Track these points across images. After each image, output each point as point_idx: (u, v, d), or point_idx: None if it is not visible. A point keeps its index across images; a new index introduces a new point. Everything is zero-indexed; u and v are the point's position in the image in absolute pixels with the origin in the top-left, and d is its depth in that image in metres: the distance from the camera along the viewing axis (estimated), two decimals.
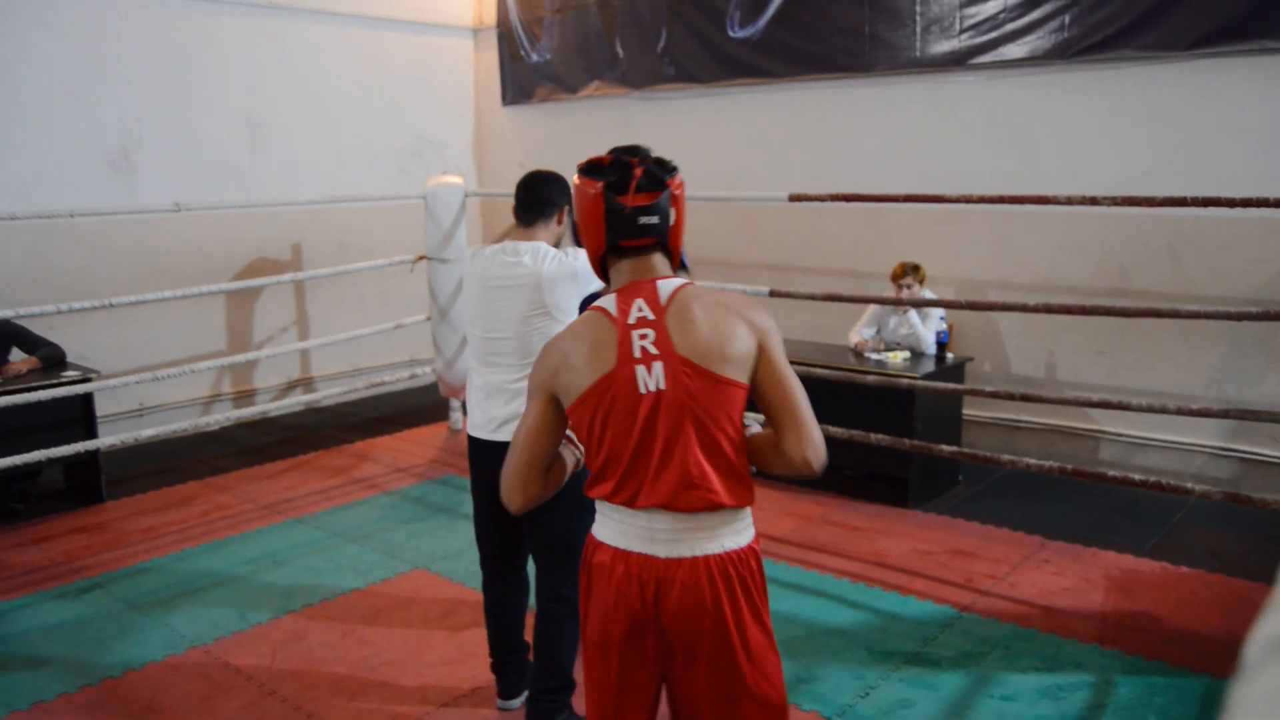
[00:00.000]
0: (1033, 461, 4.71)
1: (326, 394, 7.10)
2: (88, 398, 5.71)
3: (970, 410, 6.17)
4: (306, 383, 7.89)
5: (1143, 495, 5.55)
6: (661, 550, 2.09)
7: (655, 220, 2.14)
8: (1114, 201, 4.22)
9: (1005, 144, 6.03)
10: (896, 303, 5.54)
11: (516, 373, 3.21)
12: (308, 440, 7.05)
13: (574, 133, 8.36)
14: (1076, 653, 3.90)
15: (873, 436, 4.99)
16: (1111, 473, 4.66)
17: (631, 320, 2.11)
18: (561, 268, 3.17)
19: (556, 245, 3.29)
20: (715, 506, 2.09)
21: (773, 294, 5.37)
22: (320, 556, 4.96)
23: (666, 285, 2.15)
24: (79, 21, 6.52)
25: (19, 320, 5.81)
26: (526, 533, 3.33)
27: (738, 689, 2.12)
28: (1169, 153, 5.44)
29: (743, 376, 2.12)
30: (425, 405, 7.77)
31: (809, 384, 2.29)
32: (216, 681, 3.80)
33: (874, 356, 5.74)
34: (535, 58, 8.45)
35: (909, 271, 5.78)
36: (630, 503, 2.10)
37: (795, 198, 5.15)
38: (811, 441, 2.14)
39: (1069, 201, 4.33)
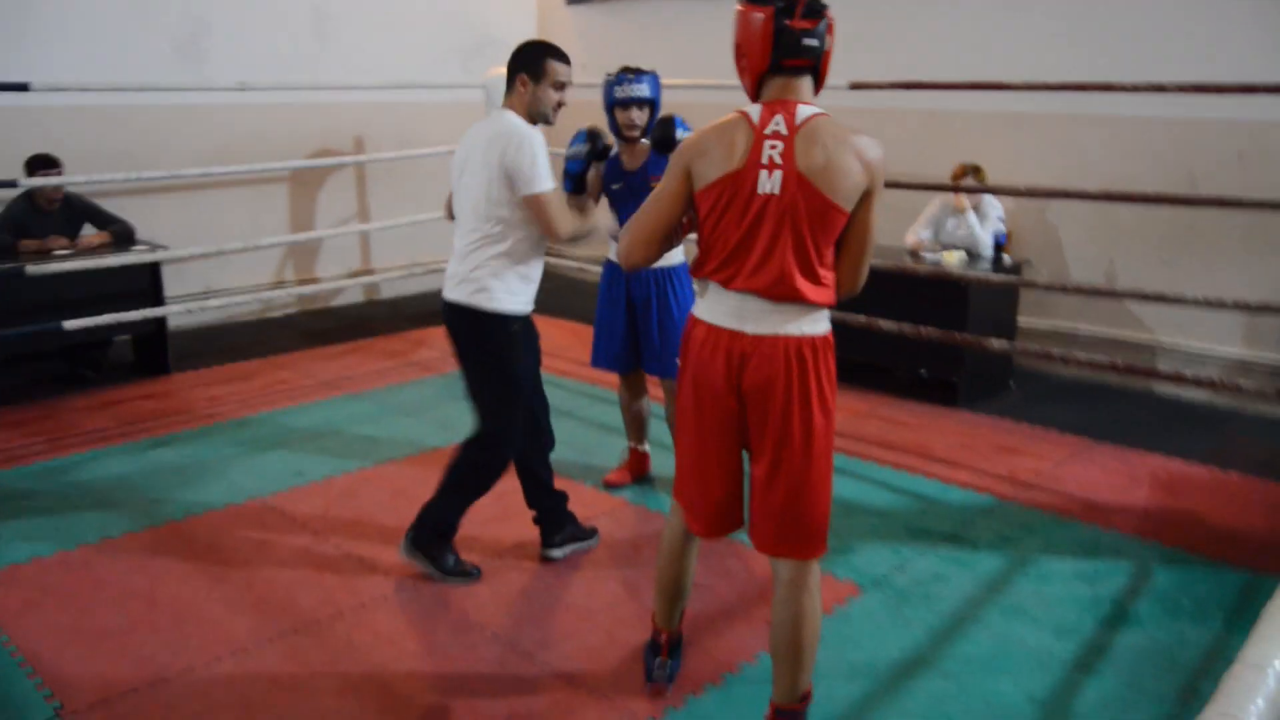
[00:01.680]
0: (1084, 356, 4.69)
1: (385, 278, 7.20)
2: (156, 272, 5.87)
3: (1025, 317, 6.11)
4: (367, 273, 8.03)
5: (1197, 405, 5.49)
6: (749, 327, 2.42)
7: (815, 43, 2.38)
8: (1180, 88, 4.13)
9: (1075, 46, 5.87)
10: (955, 189, 5.45)
11: (465, 237, 3.38)
12: (367, 326, 7.20)
13: (637, 29, 8.30)
14: (1115, 542, 3.91)
15: (923, 329, 4.98)
16: (1163, 368, 4.61)
17: (768, 131, 2.37)
18: (510, 145, 3.22)
19: (530, 111, 3.35)
20: (798, 298, 2.38)
21: None
22: (374, 426, 5.10)
23: (805, 110, 2.39)
24: None
25: (91, 196, 6.00)
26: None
27: (794, 461, 2.44)
28: (1250, 56, 5.26)
29: (846, 205, 2.37)
30: None
31: None
32: (272, 528, 3.96)
33: (929, 256, 5.69)
34: None
35: (970, 172, 5.71)
36: (727, 283, 2.43)
37: (856, 85, 5.10)
38: (861, 276, 2.53)
39: (1135, 88, 4.25)
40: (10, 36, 6.12)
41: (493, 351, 3.40)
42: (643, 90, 3.94)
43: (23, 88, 4.98)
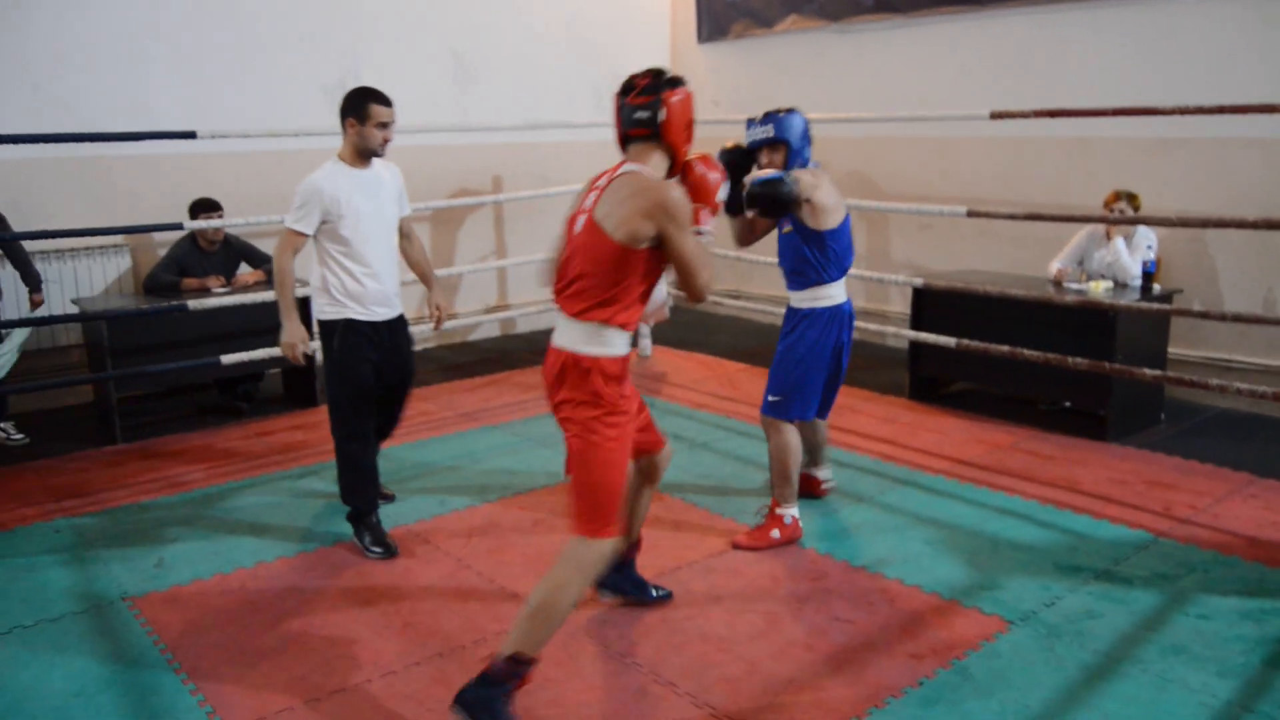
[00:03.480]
0: (1244, 386, 4.47)
1: (521, 313, 7.34)
2: (306, 306, 6.11)
3: (1177, 348, 5.87)
4: (503, 308, 8.20)
5: None
6: (555, 340, 3.00)
7: (646, 115, 2.89)
8: None
9: (1225, 69, 5.66)
10: (1104, 220, 5.28)
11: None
12: (504, 360, 7.36)
13: (769, 68, 8.33)
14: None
15: (1070, 360, 4.83)
16: None
17: (598, 184, 2.95)
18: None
19: (358, 149, 4.04)
20: (580, 316, 2.89)
21: (970, 213, 5.25)
22: (513, 457, 5.19)
23: (627, 167, 2.92)
24: None
25: (248, 237, 6.31)
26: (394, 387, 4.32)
27: (570, 452, 2.94)
28: None
29: (631, 242, 2.80)
30: None
31: (1003, 307, 2.45)
32: (418, 555, 4.06)
33: (1074, 286, 5.53)
34: None
35: (1123, 198, 5.52)
36: (557, 302, 2.99)
37: (997, 115, 5.02)
38: (694, 289, 2.94)
39: None
40: (180, 87, 6.51)
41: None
42: (766, 133, 3.99)
43: (190, 135, 5.27)
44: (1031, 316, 5.40)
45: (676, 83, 2.94)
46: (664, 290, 3.34)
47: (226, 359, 5.45)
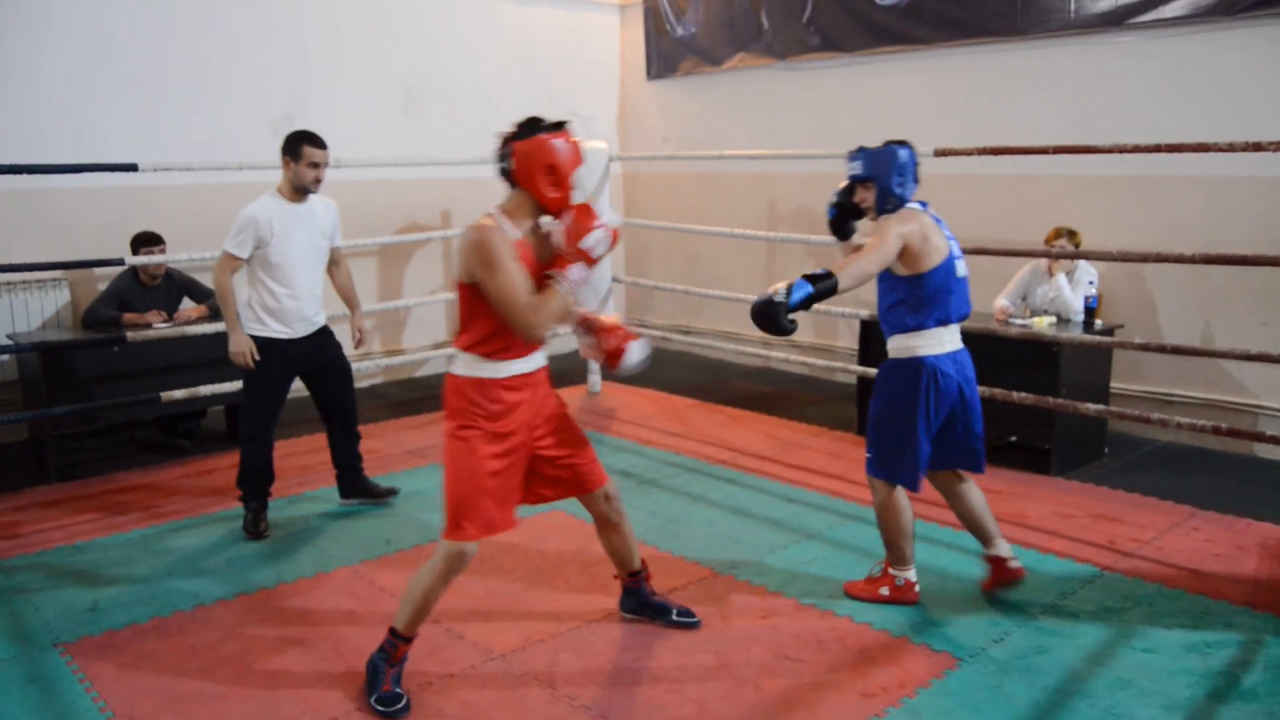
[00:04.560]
0: (1184, 420, 4.54)
1: None
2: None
3: (1119, 383, 5.96)
4: (451, 345, 8.14)
5: None
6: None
7: (503, 164, 3.17)
8: (1278, 146, 4.03)
9: (1164, 108, 5.80)
10: (1046, 255, 5.36)
11: None
12: None
13: (718, 105, 8.40)
14: (1226, 613, 3.75)
15: (1015, 395, 4.88)
16: (1267, 431, 4.45)
17: None
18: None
19: (294, 185, 4.63)
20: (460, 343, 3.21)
21: None
22: None
23: (484, 211, 3.18)
24: None
25: (192, 271, 6.21)
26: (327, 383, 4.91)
27: None
28: None
29: (466, 279, 3.09)
30: (564, 369, 7.92)
31: None
32: (362, 597, 3.99)
33: (1018, 321, 5.60)
34: (680, 31, 8.53)
35: (1064, 234, 5.62)
36: None
37: (941, 152, 5.09)
38: (516, 328, 3.08)
39: (1230, 149, 4.16)
40: (123, 119, 6.42)
41: None
42: (855, 169, 3.81)
43: (132, 168, 5.19)
44: (977, 351, 5.40)
45: (534, 130, 3.13)
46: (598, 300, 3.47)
47: (167, 395, 5.35)
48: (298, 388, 4.85)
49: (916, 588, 3.87)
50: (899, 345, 3.75)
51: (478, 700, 3.22)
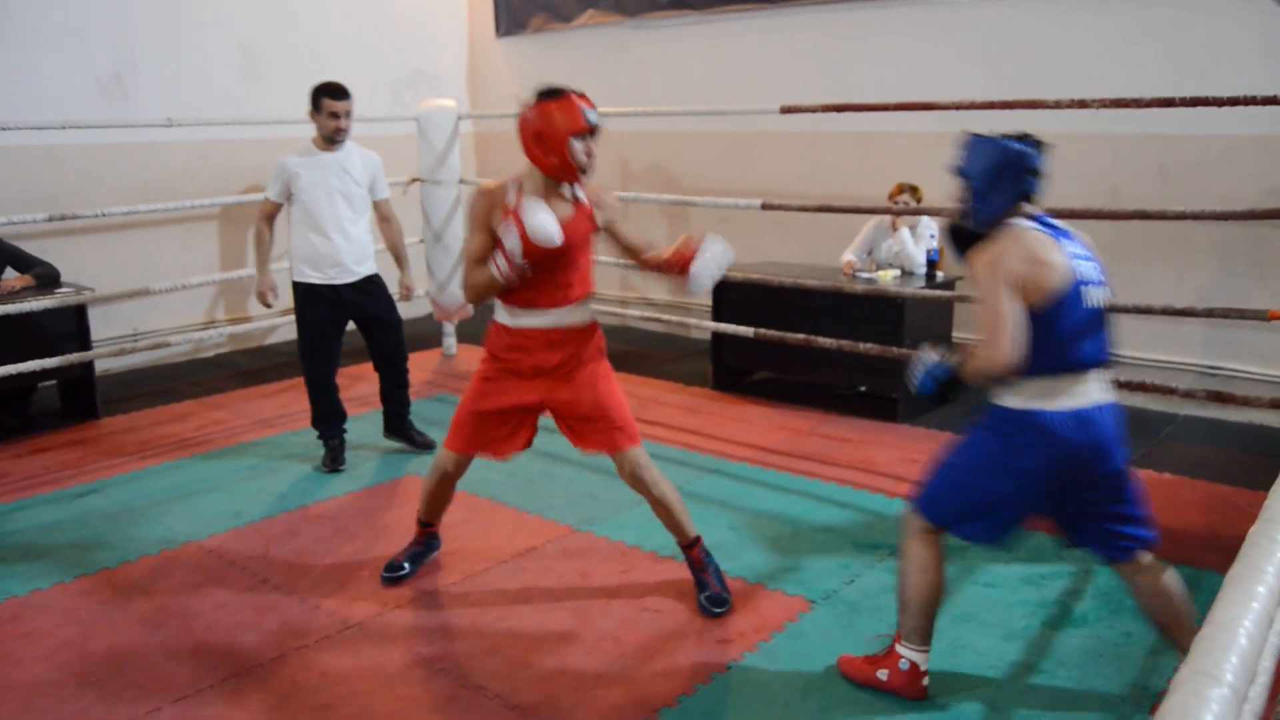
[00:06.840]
0: None
1: None
2: (82, 315, 5.75)
3: (961, 332, 6.20)
4: None
5: (1131, 412, 5.57)
6: None
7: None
8: (1103, 104, 4.23)
9: (1002, 68, 6.00)
10: (889, 212, 5.53)
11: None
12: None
13: (569, 62, 8.32)
14: (1059, 547, 3.93)
15: (861, 346, 5.02)
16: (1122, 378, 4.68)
17: None
18: None
19: (320, 134, 4.94)
20: None
21: (765, 206, 5.39)
22: (314, 463, 5.01)
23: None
24: None
25: (13, 239, 5.85)
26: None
27: None
28: (1169, 74, 5.41)
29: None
30: (418, 333, 7.79)
31: (799, 297, 2.43)
32: (210, 571, 3.86)
33: (864, 275, 5.75)
34: None
35: (906, 190, 5.78)
36: None
37: (787, 109, 5.17)
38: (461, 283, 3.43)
39: (1058, 105, 4.34)
40: None
41: None
42: (955, 161, 2.95)
43: None
44: (826, 306, 5.59)
45: (536, 99, 3.22)
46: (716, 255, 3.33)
47: None
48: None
49: (925, 680, 2.95)
50: (1002, 390, 2.86)
51: (335, 669, 3.17)
